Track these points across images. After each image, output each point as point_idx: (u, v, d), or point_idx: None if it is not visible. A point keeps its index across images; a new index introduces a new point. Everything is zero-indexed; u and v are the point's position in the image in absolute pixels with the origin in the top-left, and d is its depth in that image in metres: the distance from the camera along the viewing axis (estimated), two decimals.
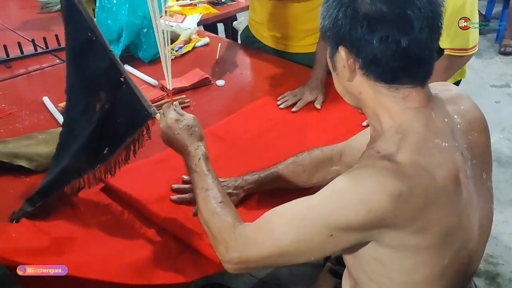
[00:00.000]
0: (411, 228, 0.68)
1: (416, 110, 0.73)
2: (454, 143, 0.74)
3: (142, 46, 1.75)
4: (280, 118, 1.39)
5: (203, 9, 2.34)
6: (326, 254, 0.76)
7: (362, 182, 0.69)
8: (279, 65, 1.75)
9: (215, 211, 0.82)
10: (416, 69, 0.72)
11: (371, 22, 0.69)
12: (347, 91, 0.80)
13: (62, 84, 1.61)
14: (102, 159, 0.97)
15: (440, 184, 0.68)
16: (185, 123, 0.91)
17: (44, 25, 2.20)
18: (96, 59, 0.96)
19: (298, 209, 0.74)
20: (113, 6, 1.71)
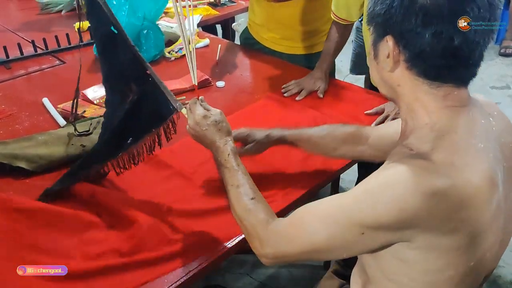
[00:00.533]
0: (444, 229, 0.67)
1: (455, 109, 0.71)
2: (489, 145, 0.72)
3: (142, 47, 1.74)
4: (279, 119, 1.38)
5: (203, 10, 2.35)
6: (358, 252, 0.75)
7: (394, 180, 0.68)
8: (279, 66, 1.75)
9: (248, 208, 0.83)
10: (462, 70, 0.70)
11: (427, 15, 0.66)
12: (385, 81, 0.77)
13: (62, 85, 1.62)
14: (125, 148, 0.99)
15: (475, 185, 0.67)
16: (213, 119, 0.91)
17: (44, 26, 2.20)
18: (121, 52, 0.97)
19: (331, 207, 0.74)
20: (112, 7, 1.70)
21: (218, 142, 0.90)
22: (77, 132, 1.25)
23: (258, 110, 1.45)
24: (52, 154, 1.17)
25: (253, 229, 0.81)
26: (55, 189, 1.06)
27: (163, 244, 0.94)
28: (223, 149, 0.89)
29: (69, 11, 2.39)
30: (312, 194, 1.12)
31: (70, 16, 2.35)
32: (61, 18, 2.35)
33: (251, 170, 1.12)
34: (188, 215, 1.02)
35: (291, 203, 1.08)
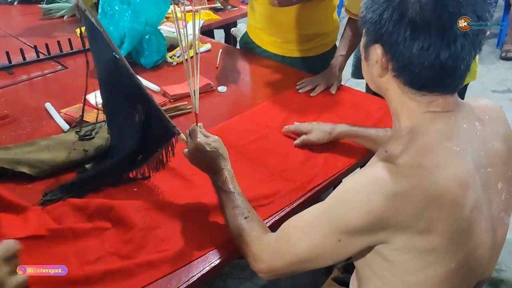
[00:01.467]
0: (415, 229, 0.69)
1: (436, 114, 0.74)
2: (469, 149, 0.74)
3: (144, 53, 1.75)
4: (279, 124, 1.39)
5: (205, 15, 2.36)
6: (341, 258, 0.77)
7: (360, 184, 0.72)
8: (281, 71, 1.75)
9: (242, 227, 0.88)
10: (448, 81, 0.73)
11: (416, 30, 0.68)
12: (374, 82, 0.81)
13: (64, 90, 1.63)
14: (136, 165, 1.11)
15: (442, 185, 0.69)
16: (213, 145, 0.96)
17: (46, 32, 2.21)
18: (125, 77, 1.04)
19: (309, 216, 0.78)
20: (115, 12, 1.72)
21: (216, 167, 0.95)
22: (78, 135, 1.25)
23: (258, 114, 1.46)
24: (54, 159, 1.17)
25: (247, 247, 0.85)
26: (55, 198, 1.06)
27: (163, 248, 0.94)
28: (220, 173, 0.95)
29: (71, 16, 2.41)
30: (313, 197, 1.12)
31: (73, 21, 2.36)
32: (64, 24, 2.36)
33: (252, 172, 1.17)
34: (189, 218, 1.02)
35: (290, 204, 1.08)
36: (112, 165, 1.13)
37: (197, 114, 1.02)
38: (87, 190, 1.09)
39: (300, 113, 1.46)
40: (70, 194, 1.07)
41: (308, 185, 1.13)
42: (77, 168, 1.19)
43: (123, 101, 1.10)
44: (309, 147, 1.27)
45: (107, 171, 1.12)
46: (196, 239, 0.97)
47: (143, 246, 0.94)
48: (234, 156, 1.23)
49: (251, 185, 1.13)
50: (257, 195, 1.08)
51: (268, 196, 1.08)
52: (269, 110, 1.47)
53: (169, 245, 0.94)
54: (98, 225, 0.99)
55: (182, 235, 0.98)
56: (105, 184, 1.11)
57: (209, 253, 0.94)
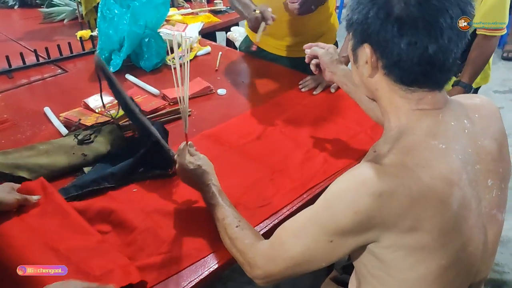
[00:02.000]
0: (402, 227, 0.70)
1: (424, 112, 0.75)
2: (455, 146, 0.74)
3: (144, 56, 1.75)
4: (279, 124, 1.39)
5: (205, 18, 2.36)
6: (334, 259, 0.77)
7: (348, 185, 0.72)
8: (281, 73, 1.75)
9: (234, 236, 0.89)
10: (437, 75, 0.73)
11: (403, 26, 0.69)
12: (365, 84, 0.82)
13: (63, 95, 1.63)
14: (136, 177, 1.16)
15: (427, 183, 0.69)
16: (195, 163, 1.00)
17: (47, 35, 2.21)
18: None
19: (300, 220, 0.78)
20: (114, 16, 1.72)
21: (203, 184, 0.99)
22: (77, 139, 1.25)
23: (257, 115, 1.45)
24: (53, 164, 1.17)
25: (241, 255, 0.86)
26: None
27: (163, 251, 0.93)
28: (207, 189, 0.98)
29: (72, 20, 2.41)
30: (313, 197, 1.11)
31: (73, 24, 2.36)
32: (64, 27, 2.36)
33: (252, 171, 1.18)
34: (190, 222, 1.02)
35: (290, 203, 1.08)
36: (114, 172, 1.13)
37: (186, 134, 1.04)
38: (87, 192, 1.08)
39: (301, 114, 1.45)
40: (71, 196, 1.07)
41: (308, 184, 1.13)
42: (75, 173, 1.19)
43: (142, 127, 1.20)
44: (308, 147, 1.26)
45: (108, 176, 1.12)
46: (196, 242, 0.97)
47: (143, 248, 0.94)
48: (234, 155, 1.25)
49: (251, 184, 1.13)
50: (257, 194, 1.09)
51: (268, 197, 1.08)
52: (269, 112, 1.47)
53: (169, 248, 0.94)
54: (98, 228, 0.98)
55: (183, 237, 0.97)
56: (105, 186, 1.11)
57: (208, 257, 0.94)
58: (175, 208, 1.06)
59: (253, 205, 1.06)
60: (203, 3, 2.48)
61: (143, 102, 1.51)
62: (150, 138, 1.14)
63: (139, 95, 1.56)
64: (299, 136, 1.33)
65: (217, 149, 1.27)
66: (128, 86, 1.66)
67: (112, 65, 1.74)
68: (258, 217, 1.03)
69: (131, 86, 1.66)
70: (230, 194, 1.08)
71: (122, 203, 1.06)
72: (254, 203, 1.07)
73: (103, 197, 1.09)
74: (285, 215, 1.05)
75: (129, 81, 1.71)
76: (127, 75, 1.73)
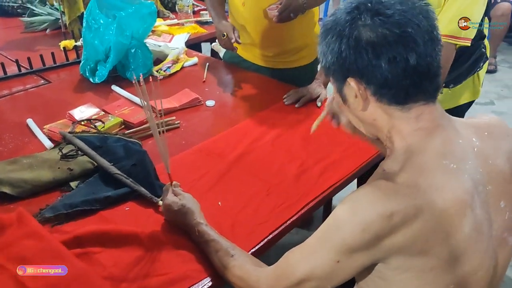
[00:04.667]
0: (411, 249, 0.68)
1: (428, 131, 0.73)
2: (465, 166, 0.73)
3: (130, 66, 1.72)
4: (271, 137, 1.37)
5: (191, 29, 2.34)
6: (340, 280, 0.75)
7: (357, 203, 0.71)
8: (269, 84, 1.74)
9: (232, 265, 0.86)
10: (426, 83, 0.72)
11: (376, 47, 0.69)
12: (362, 120, 0.80)
13: (47, 106, 1.58)
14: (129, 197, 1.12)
15: (439, 206, 0.68)
16: (179, 204, 0.98)
17: (28, 45, 2.16)
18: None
19: (308, 241, 0.76)
20: (100, 26, 1.68)
21: (188, 223, 0.97)
22: (61, 153, 1.21)
23: (248, 127, 1.44)
24: (37, 179, 1.12)
25: (244, 282, 0.84)
26: (47, 216, 1.02)
27: (161, 273, 0.90)
28: (193, 229, 0.95)
29: (54, 30, 2.36)
30: (309, 211, 1.10)
31: (56, 34, 2.31)
32: (46, 37, 2.31)
33: (247, 186, 1.15)
34: (186, 242, 0.98)
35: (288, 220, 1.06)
36: (108, 196, 1.09)
37: (169, 174, 1.02)
38: (76, 211, 1.04)
39: (291, 126, 1.44)
40: (59, 214, 1.03)
41: (305, 199, 1.11)
42: (61, 187, 1.15)
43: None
44: (302, 160, 1.25)
45: (102, 200, 1.08)
46: (194, 263, 0.93)
47: (140, 270, 0.90)
48: (227, 169, 1.23)
49: (247, 200, 1.11)
50: (254, 211, 1.07)
51: (266, 213, 1.06)
52: (259, 124, 1.45)
53: (167, 269, 0.91)
54: (90, 250, 0.94)
55: (180, 258, 0.94)
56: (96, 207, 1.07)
57: (207, 278, 0.91)
58: (170, 227, 1.02)
59: (251, 222, 1.04)
60: (189, 14, 2.47)
61: (130, 114, 1.47)
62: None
63: (126, 107, 1.52)
64: (292, 148, 1.32)
65: (209, 163, 1.25)
66: (114, 98, 1.63)
67: (97, 76, 1.70)
68: (257, 235, 1.00)
69: (118, 98, 1.62)
70: (227, 210, 1.07)
71: (116, 223, 1.02)
72: (252, 221, 1.04)
73: (94, 217, 1.05)
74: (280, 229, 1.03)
75: (115, 92, 1.67)
76: (113, 86, 1.69)
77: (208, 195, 1.12)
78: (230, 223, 1.03)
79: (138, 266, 0.92)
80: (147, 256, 0.94)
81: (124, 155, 1.21)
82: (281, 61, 1.80)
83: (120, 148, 1.23)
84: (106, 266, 0.91)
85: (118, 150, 1.22)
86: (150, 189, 1.10)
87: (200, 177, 1.19)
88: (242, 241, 0.96)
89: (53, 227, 1.01)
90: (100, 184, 1.14)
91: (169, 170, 1.02)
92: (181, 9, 2.47)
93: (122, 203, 1.09)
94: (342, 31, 0.71)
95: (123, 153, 1.21)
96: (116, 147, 1.24)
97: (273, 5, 1.54)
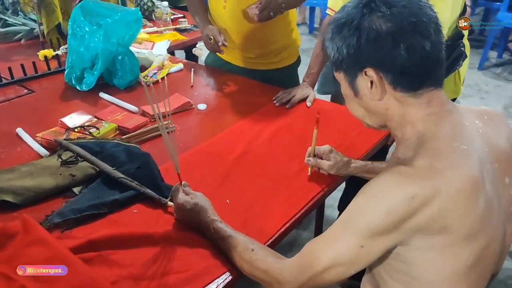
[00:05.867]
0: (433, 228, 0.72)
1: (437, 115, 0.78)
2: (473, 146, 0.78)
3: (117, 73, 1.71)
4: (267, 136, 1.40)
5: (171, 36, 2.34)
6: (363, 266, 0.77)
7: (379, 187, 0.74)
8: (256, 86, 1.77)
9: (254, 259, 0.87)
10: (437, 69, 0.78)
11: (395, 36, 0.73)
12: (372, 112, 0.83)
13: (35, 115, 1.56)
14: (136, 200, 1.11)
15: (456, 184, 0.72)
16: (191, 202, 0.98)
17: (5, 56, 2.10)
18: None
19: (331, 229, 0.79)
20: (85, 33, 1.67)
21: (202, 221, 0.97)
22: (61, 160, 1.19)
23: (245, 128, 1.46)
24: (40, 186, 1.11)
25: (267, 274, 0.85)
26: (56, 221, 1.01)
27: (182, 270, 0.91)
28: (207, 226, 0.95)
29: (29, 40, 2.31)
30: (313, 206, 1.13)
31: (31, 44, 2.26)
32: (21, 47, 2.25)
33: (252, 183, 1.17)
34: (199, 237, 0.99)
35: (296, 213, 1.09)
36: (116, 199, 1.09)
37: (179, 174, 1.02)
38: (85, 216, 1.03)
39: (285, 126, 1.47)
40: (67, 219, 1.02)
41: (310, 193, 1.14)
42: (64, 193, 1.13)
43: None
44: (301, 158, 1.28)
45: (109, 203, 1.08)
46: (211, 258, 0.95)
47: (160, 269, 0.91)
48: (229, 169, 1.24)
49: (254, 197, 1.13)
50: (262, 208, 1.09)
51: (275, 209, 1.09)
52: (254, 125, 1.48)
53: (188, 266, 0.92)
54: (104, 253, 0.93)
55: (197, 255, 0.95)
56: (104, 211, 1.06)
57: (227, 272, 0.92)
58: (182, 226, 1.02)
59: (262, 218, 1.06)
60: (168, 22, 2.47)
61: (123, 119, 1.47)
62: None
63: (118, 113, 1.51)
64: (289, 147, 1.35)
65: (211, 164, 1.26)
66: (103, 105, 1.62)
67: (85, 84, 1.68)
68: (269, 229, 1.02)
69: (107, 105, 1.61)
70: (236, 208, 1.09)
71: (126, 226, 1.01)
72: (262, 216, 1.06)
73: (103, 220, 1.04)
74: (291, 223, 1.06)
75: (104, 99, 1.66)
76: (101, 94, 1.68)
77: (215, 194, 1.13)
78: (242, 220, 1.05)
79: (155, 264, 0.92)
80: (164, 255, 0.94)
81: (126, 159, 1.20)
82: (262, 63, 1.84)
83: (121, 153, 1.22)
84: (124, 266, 0.91)
85: (119, 154, 1.22)
86: (157, 191, 1.10)
87: (203, 178, 1.20)
88: (255, 236, 0.97)
89: (63, 233, 1.00)
90: (104, 189, 1.14)
91: (178, 170, 1.03)
92: (159, 17, 2.47)
93: (129, 206, 1.09)
94: (360, 24, 0.75)
95: (125, 157, 1.20)
96: (116, 152, 1.23)
97: (253, 5, 1.57)
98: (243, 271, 0.89)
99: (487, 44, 4.09)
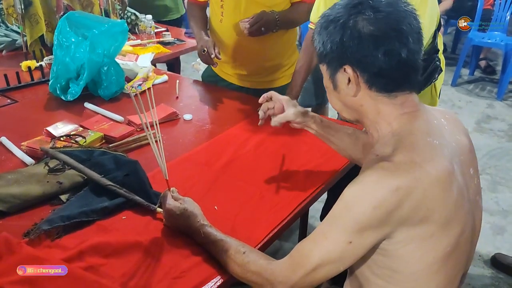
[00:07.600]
0: (415, 219, 0.76)
1: (410, 114, 0.84)
2: (444, 141, 0.84)
3: (102, 84, 1.72)
4: (254, 145, 1.43)
5: (155, 49, 2.37)
6: (353, 261, 0.80)
7: (363, 184, 0.78)
8: (242, 97, 1.80)
9: (245, 261, 0.88)
10: (413, 76, 0.83)
11: (376, 40, 0.78)
12: (348, 106, 0.88)
13: (19, 124, 1.55)
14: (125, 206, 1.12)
15: (434, 176, 0.77)
16: (181, 208, 1.00)
17: None
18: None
19: (318, 229, 0.81)
20: (71, 44, 1.68)
21: (191, 226, 0.98)
22: (48, 167, 1.19)
23: (232, 137, 1.49)
24: (26, 193, 1.10)
25: (259, 276, 0.86)
26: (45, 228, 1.00)
27: (175, 276, 0.92)
28: (197, 230, 0.97)
29: (11, 51, 2.29)
30: (300, 212, 1.16)
31: (13, 55, 2.25)
32: (3, 58, 2.24)
33: (240, 189, 1.19)
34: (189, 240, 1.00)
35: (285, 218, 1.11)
36: (105, 206, 1.10)
37: (167, 180, 1.04)
38: (73, 223, 1.03)
39: (270, 134, 1.50)
40: (56, 226, 1.01)
41: (298, 198, 1.17)
42: (51, 201, 1.13)
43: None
44: (286, 166, 1.31)
45: (99, 210, 1.08)
46: (202, 261, 0.96)
47: (153, 275, 0.91)
48: (217, 176, 1.26)
49: (242, 203, 1.15)
50: (251, 212, 1.11)
51: (263, 214, 1.11)
52: (239, 135, 1.50)
53: (180, 272, 0.93)
54: (95, 262, 0.94)
55: (188, 259, 0.96)
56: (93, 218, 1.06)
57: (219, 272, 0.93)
58: (171, 232, 1.03)
59: (250, 224, 1.08)
60: (151, 35, 2.50)
61: (109, 128, 1.47)
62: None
63: (104, 122, 1.52)
64: (274, 155, 1.38)
65: (198, 172, 1.28)
66: (88, 115, 1.62)
67: (70, 94, 1.68)
68: (258, 234, 1.04)
69: (92, 115, 1.61)
70: (225, 214, 1.11)
71: (116, 233, 1.02)
72: (250, 222, 1.08)
73: (92, 227, 1.05)
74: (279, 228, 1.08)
75: (89, 109, 1.66)
76: (86, 104, 1.68)
77: (203, 201, 1.14)
78: (230, 225, 1.06)
79: (146, 271, 0.93)
80: (155, 262, 0.95)
81: (114, 166, 1.21)
82: (256, 81, 1.85)
83: (109, 160, 1.23)
84: (115, 277, 0.91)
85: (106, 162, 1.22)
86: (146, 198, 1.11)
87: (192, 186, 1.22)
88: (243, 242, 0.97)
89: (53, 241, 0.99)
90: (92, 197, 1.14)
91: (167, 176, 1.04)
92: (143, 30, 2.49)
93: (118, 213, 1.10)
94: (346, 23, 0.80)
95: (113, 165, 1.21)
96: (104, 160, 1.23)
97: (247, 19, 1.61)
98: (235, 274, 0.90)
99: (459, 62, 4.25)
